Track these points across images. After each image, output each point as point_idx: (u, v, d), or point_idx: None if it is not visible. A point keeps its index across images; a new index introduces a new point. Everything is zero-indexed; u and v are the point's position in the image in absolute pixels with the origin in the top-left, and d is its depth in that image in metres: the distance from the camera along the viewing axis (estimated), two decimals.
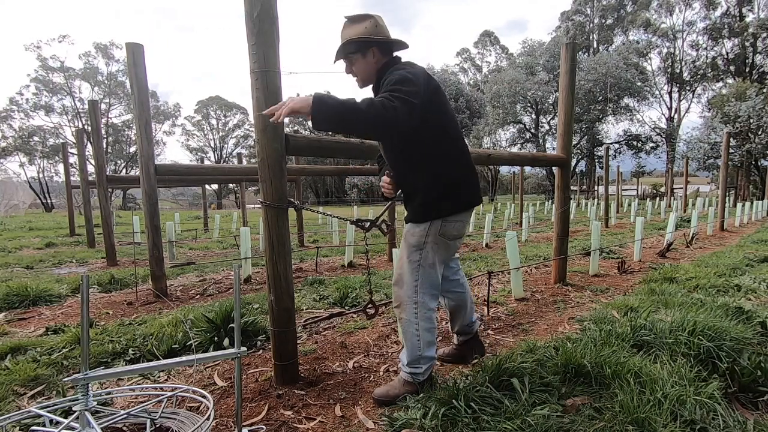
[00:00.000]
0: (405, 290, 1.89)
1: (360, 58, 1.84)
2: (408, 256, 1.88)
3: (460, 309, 2.19)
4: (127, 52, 3.75)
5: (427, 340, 1.89)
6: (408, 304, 1.88)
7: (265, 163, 1.92)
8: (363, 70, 1.86)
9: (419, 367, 1.89)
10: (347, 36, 1.82)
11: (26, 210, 25.37)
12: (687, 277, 3.99)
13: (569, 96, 3.88)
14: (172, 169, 4.82)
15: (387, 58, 1.87)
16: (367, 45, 1.81)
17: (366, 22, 1.81)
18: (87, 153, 17.71)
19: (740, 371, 1.92)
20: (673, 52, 35.16)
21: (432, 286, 1.91)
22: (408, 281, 1.88)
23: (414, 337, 1.88)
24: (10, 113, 34.45)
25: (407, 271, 1.88)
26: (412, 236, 1.87)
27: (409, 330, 1.88)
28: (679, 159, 27.48)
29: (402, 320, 1.92)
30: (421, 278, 1.87)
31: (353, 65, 1.87)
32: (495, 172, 45.71)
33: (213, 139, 49.85)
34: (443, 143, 1.82)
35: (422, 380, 1.91)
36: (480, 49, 46.94)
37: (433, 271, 1.89)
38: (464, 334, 2.26)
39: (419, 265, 1.87)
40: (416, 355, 1.89)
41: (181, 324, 2.72)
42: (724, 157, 9.13)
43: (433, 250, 1.86)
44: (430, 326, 1.91)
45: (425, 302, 1.88)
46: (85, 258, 6.54)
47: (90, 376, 1.36)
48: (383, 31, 1.84)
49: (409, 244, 1.88)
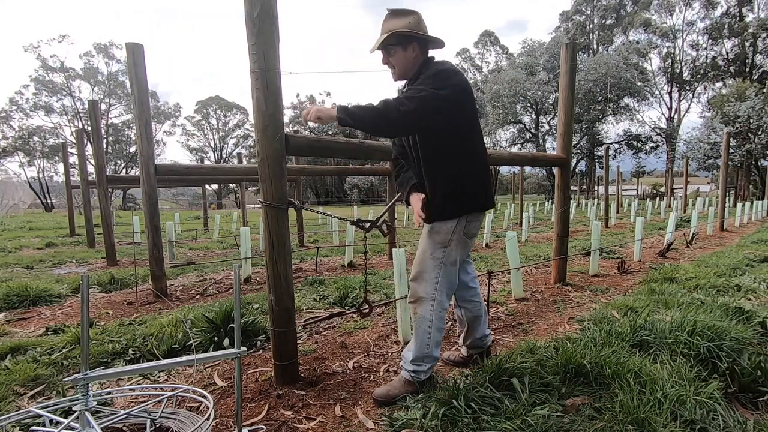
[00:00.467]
0: (424, 287, 1.90)
1: (400, 51, 1.86)
2: (432, 253, 1.89)
3: (477, 320, 2.17)
4: (127, 52, 3.75)
5: (436, 340, 1.91)
6: (426, 301, 1.90)
7: (265, 163, 1.92)
8: (401, 63, 1.88)
9: (422, 365, 1.90)
10: (390, 28, 1.83)
11: (26, 210, 25.36)
12: (687, 277, 3.99)
13: (569, 96, 3.88)
14: (172, 169, 4.82)
15: (425, 56, 1.90)
16: (409, 39, 1.84)
17: (410, 17, 1.84)
18: (87, 153, 17.73)
19: (740, 371, 1.92)
20: (673, 52, 35.17)
21: (450, 285, 1.94)
22: (429, 278, 1.89)
23: (425, 335, 1.89)
24: (10, 113, 34.47)
25: (430, 267, 1.89)
26: (437, 233, 1.88)
27: (423, 327, 1.90)
28: (679, 159, 27.49)
29: (417, 316, 1.92)
30: (443, 276, 1.89)
31: (392, 57, 1.88)
32: (495, 172, 45.70)
33: (213, 139, 49.89)
34: (473, 146, 1.87)
35: (423, 380, 1.91)
36: (480, 49, 46.92)
37: (454, 270, 1.92)
38: (476, 347, 2.23)
39: (442, 262, 1.88)
40: (423, 353, 1.90)
41: (181, 324, 2.72)
42: (724, 157, 9.13)
43: (456, 248, 1.89)
44: (442, 326, 1.93)
45: (442, 301, 1.90)
46: (85, 258, 6.54)
47: (90, 376, 1.36)
48: (424, 29, 1.88)
49: (435, 241, 1.89)
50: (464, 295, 2.14)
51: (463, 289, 2.13)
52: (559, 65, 5.91)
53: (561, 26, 41.03)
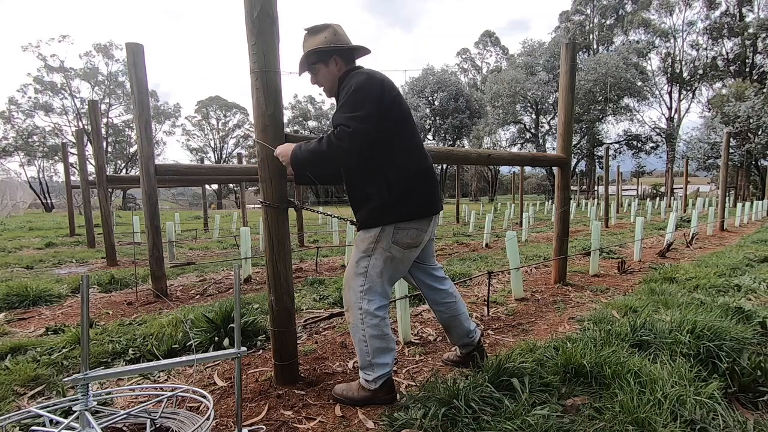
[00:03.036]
0: (350, 295, 1.86)
1: (323, 68, 1.85)
2: (356, 261, 1.85)
3: (454, 320, 2.10)
4: (127, 53, 3.75)
5: (376, 347, 1.83)
6: (354, 309, 1.85)
7: (265, 163, 1.92)
8: (328, 79, 1.86)
9: (369, 374, 1.85)
10: (308, 47, 1.83)
11: (26, 210, 25.37)
12: (687, 277, 3.99)
13: (569, 96, 3.88)
14: (172, 169, 4.81)
15: (349, 65, 1.87)
16: (329, 54, 1.82)
17: (325, 32, 1.82)
18: (87, 153, 17.75)
19: (740, 371, 1.92)
20: (673, 52, 35.18)
21: (380, 294, 1.85)
22: (354, 287, 1.85)
23: (361, 343, 1.85)
24: (12, 113, 34.46)
25: (353, 275, 1.86)
26: (362, 242, 1.84)
27: (356, 335, 1.86)
28: (679, 159, 27.50)
29: (349, 324, 1.90)
30: (368, 285, 1.83)
31: (317, 76, 1.88)
32: (495, 172, 45.76)
33: (213, 139, 49.91)
34: (396, 153, 1.78)
35: (375, 388, 1.85)
36: (480, 49, 46.97)
37: (380, 281, 1.84)
38: (466, 346, 2.17)
39: (366, 272, 1.83)
40: (366, 361, 1.85)
41: (181, 324, 2.72)
42: (724, 157, 9.13)
43: (383, 257, 1.81)
44: (378, 333, 1.83)
45: (369, 310, 1.82)
46: (85, 258, 6.54)
47: (90, 376, 1.36)
48: (343, 39, 1.84)
49: (359, 249, 1.85)
50: (435, 299, 2.08)
51: (432, 292, 2.08)
52: (558, 65, 5.91)
53: (561, 26, 41.05)
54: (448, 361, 2.30)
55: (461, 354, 2.23)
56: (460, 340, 2.16)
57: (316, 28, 1.84)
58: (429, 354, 2.46)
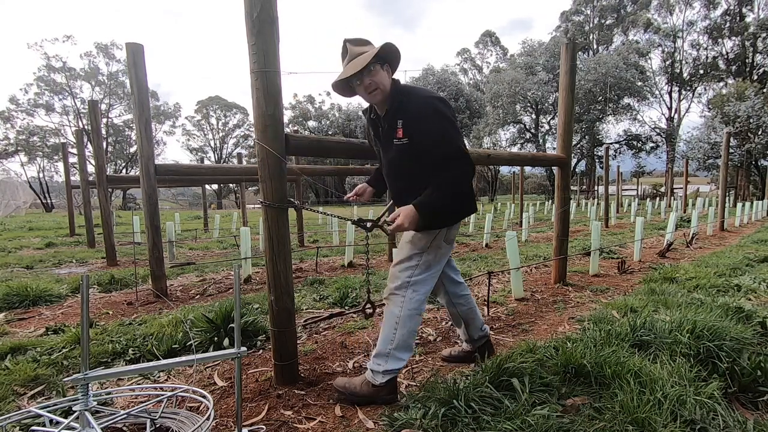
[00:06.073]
0: (397, 283, 1.91)
1: (379, 70, 1.84)
2: (409, 256, 1.91)
3: (472, 312, 2.23)
4: (127, 53, 3.75)
5: (402, 339, 1.87)
6: (397, 296, 1.90)
7: (265, 163, 1.93)
8: (383, 82, 1.84)
9: (380, 365, 1.86)
10: (366, 51, 1.80)
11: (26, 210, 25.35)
12: (687, 277, 3.99)
13: (569, 96, 3.88)
14: (172, 169, 4.82)
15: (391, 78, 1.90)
16: (384, 61, 1.85)
17: (372, 44, 1.86)
18: (87, 153, 17.73)
19: (740, 371, 1.92)
20: (673, 51, 35.16)
21: (425, 291, 1.93)
22: (402, 277, 1.91)
23: (391, 329, 1.88)
24: (12, 113, 34.45)
25: (404, 268, 1.91)
26: (419, 240, 1.90)
27: (389, 321, 1.90)
28: (679, 159, 27.49)
29: (387, 310, 1.93)
30: (417, 278, 1.90)
31: (374, 77, 1.81)
32: (495, 172, 45.71)
33: (213, 139, 49.86)
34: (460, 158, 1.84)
35: (380, 384, 1.85)
36: (480, 49, 46.95)
37: (428, 274, 1.93)
38: (481, 338, 2.29)
39: (418, 265, 1.91)
40: (386, 349, 1.87)
41: (181, 324, 2.72)
42: (724, 157, 9.13)
43: (435, 253, 1.92)
44: (411, 326, 1.89)
45: (413, 299, 1.89)
46: (85, 258, 6.54)
47: (90, 376, 1.36)
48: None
49: (415, 247, 1.91)
50: (456, 291, 2.20)
51: (453, 285, 2.20)
52: (558, 65, 5.91)
53: (561, 26, 41.04)
54: (449, 357, 2.33)
55: (470, 349, 2.29)
56: (476, 332, 2.26)
57: (363, 39, 1.88)
58: (429, 354, 2.47)
